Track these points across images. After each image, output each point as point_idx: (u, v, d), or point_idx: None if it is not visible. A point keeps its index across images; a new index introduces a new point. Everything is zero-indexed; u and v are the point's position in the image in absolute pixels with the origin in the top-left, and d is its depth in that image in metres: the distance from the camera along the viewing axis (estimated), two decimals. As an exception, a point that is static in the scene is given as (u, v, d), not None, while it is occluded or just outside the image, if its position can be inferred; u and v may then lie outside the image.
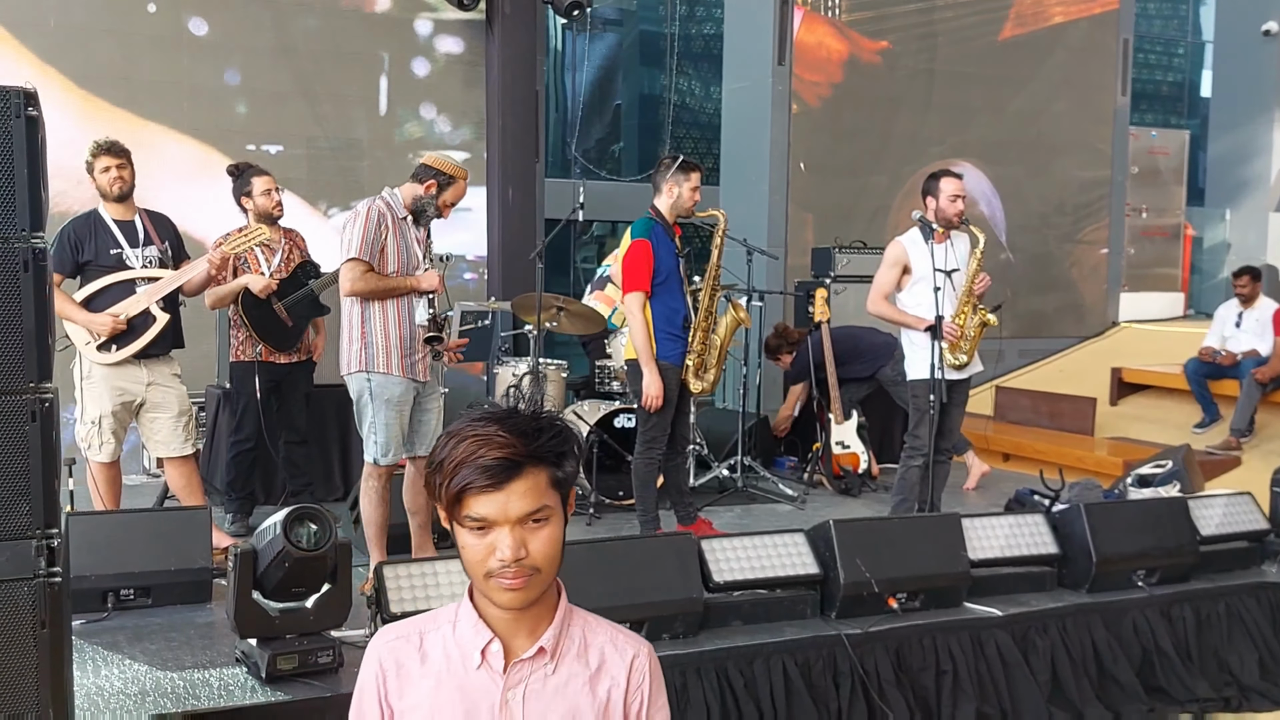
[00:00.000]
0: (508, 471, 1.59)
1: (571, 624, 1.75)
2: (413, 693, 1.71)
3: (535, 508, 1.61)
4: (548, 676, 1.71)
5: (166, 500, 5.67)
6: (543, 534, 1.62)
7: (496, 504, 1.59)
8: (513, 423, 1.62)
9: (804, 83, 9.83)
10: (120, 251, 4.85)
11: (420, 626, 1.76)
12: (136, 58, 7.73)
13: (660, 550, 4.06)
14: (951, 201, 5.38)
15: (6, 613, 2.38)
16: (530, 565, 1.61)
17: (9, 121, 2.30)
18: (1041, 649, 4.40)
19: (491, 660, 1.70)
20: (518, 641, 1.70)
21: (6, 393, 2.34)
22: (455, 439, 1.62)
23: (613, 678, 1.75)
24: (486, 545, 1.61)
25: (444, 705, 1.69)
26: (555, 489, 1.64)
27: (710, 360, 5.34)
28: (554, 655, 1.72)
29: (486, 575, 1.62)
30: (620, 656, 1.76)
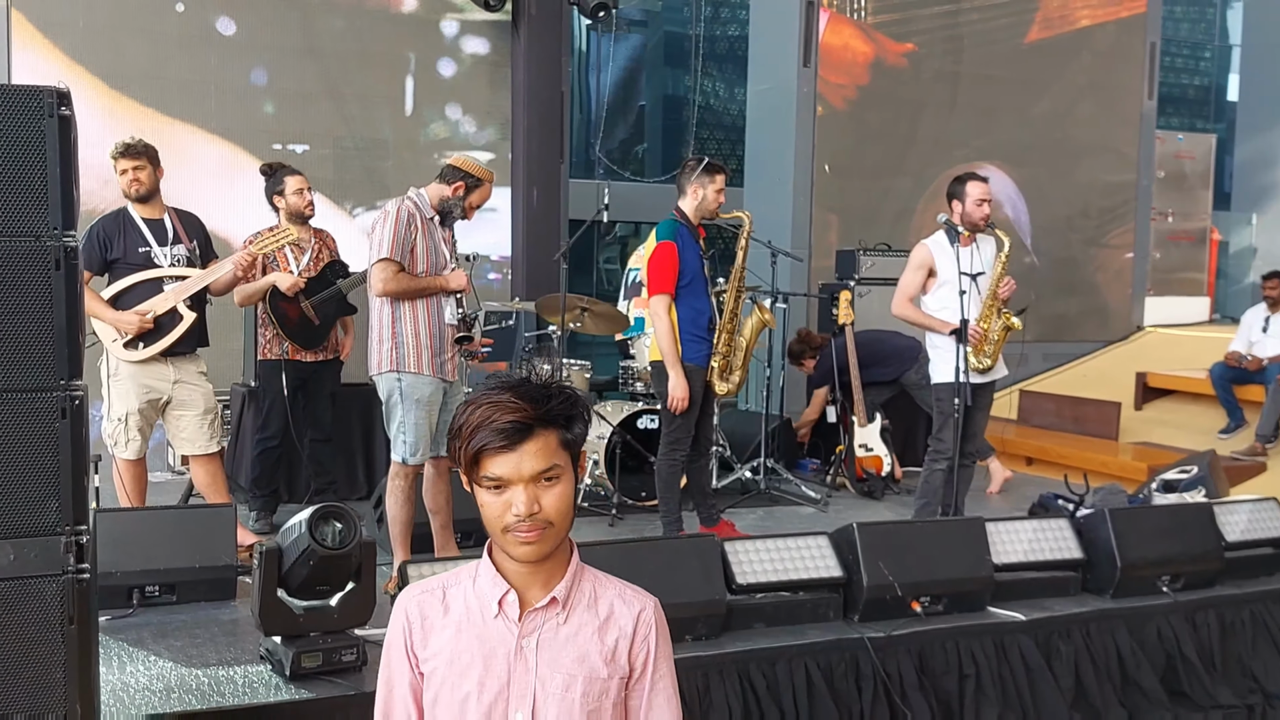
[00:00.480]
0: (520, 433, 1.72)
1: (583, 579, 1.87)
2: (435, 641, 1.83)
3: (547, 466, 1.74)
4: (559, 626, 1.83)
5: (191, 497, 5.70)
6: (554, 491, 1.75)
7: (511, 464, 1.72)
8: (524, 389, 1.76)
9: (829, 85, 9.81)
10: (148, 250, 4.89)
11: (443, 581, 1.89)
12: (165, 57, 7.78)
13: (683, 552, 4.06)
14: (977, 205, 5.36)
15: (35, 609, 2.40)
16: (543, 519, 1.74)
17: (42, 121, 2.32)
18: (1065, 654, 4.37)
19: (508, 610, 1.82)
20: (532, 593, 1.82)
21: (38, 390, 2.36)
22: (472, 406, 1.76)
23: (620, 629, 1.85)
24: (503, 502, 1.74)
25: (464, 652, 1.81)
26: (565, 449, 1.77)
27: (735, 362, 5.34)
28: (565, 606, 1.83)
29: (504, 530, 1.75)
30: (628, 609, 1.87)
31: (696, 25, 18.97)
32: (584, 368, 7.01)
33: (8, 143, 2.29)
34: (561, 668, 1.81)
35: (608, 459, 6.22)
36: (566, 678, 1.81)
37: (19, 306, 2.33)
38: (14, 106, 2.29)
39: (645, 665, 1.87)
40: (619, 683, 1.85)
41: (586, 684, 1.82)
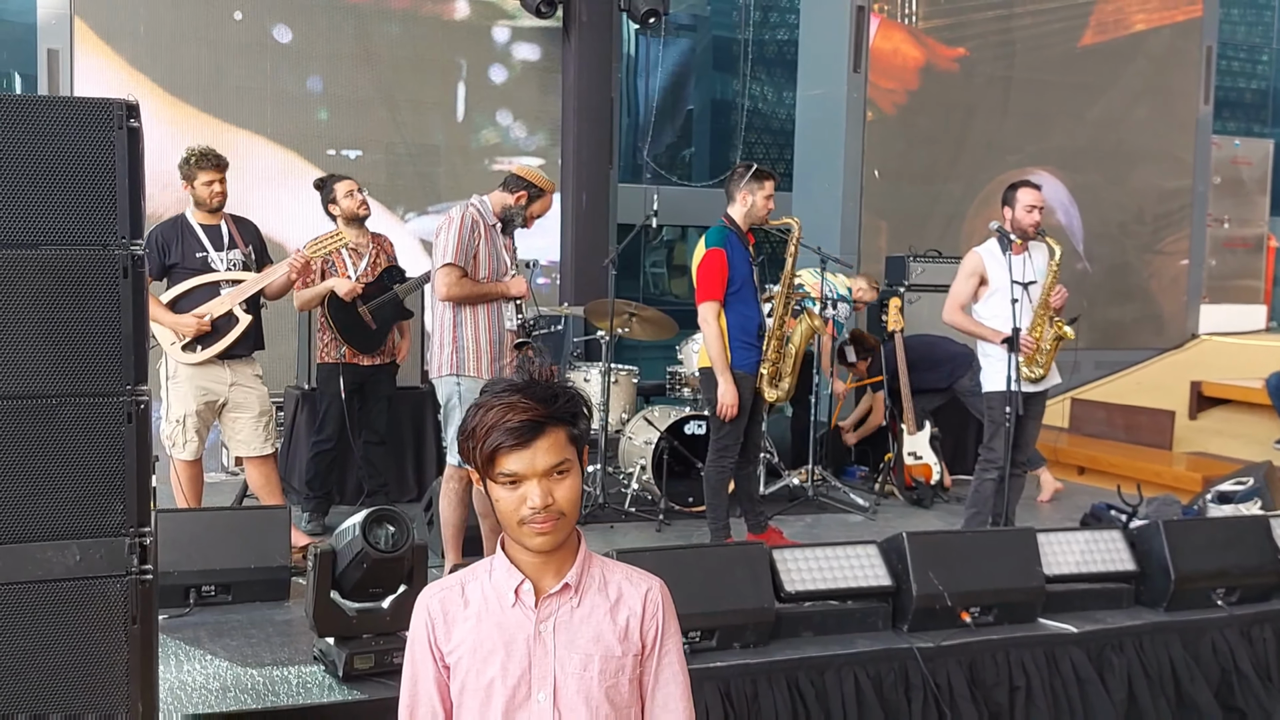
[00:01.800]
0: (533, 431, 1.82)
1: (591, 565, 1.98)
2: (458, 633, 1.94)
3: (558, 460, 1.84)
4: (574, 609, 1.93)
5: (245, 499, 5.79)
6: (565, 483, 1.85)
7: (525, 460, 1.83)
8: (533, 390, 1.86)
9: (879, 90, 9.77)
10: (205, 255, 4.97)
11: (461, 578, 1.99)
12: (223, 64, 7.91)
13: (732, 559, 4.07)
14: (1028, 212, 5.32)
15: (100, 609, 2.45)
16: (557, 510, 1.84)
17: (111, 132, 2.38)
18: (1118, 667, 4.33)
19: (524, 598, 1.92)
20: (546, 581, 1.93)
21: (105, 395, 2.42)
22: (484, 408, 1.86)
23: (630, 608, 1.97)
24: (518, 497, 1.84)
25: (485, 640, 1.92)
26: (573, 444, 1.87)
27: (785, 369, 5.34)
28: (578, 590, 1.94)
29: (519, 523, 1.85)
30: (635, 590, 1.99)
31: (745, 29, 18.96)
32: (631, 372, 7.04)
33: (78, 154, 2.35)
34: (578, 648, 1.92)
35: (655, 464, 6.23)
36: (584, 657, 1.92)
37: (88, 313, 2.39)
38: (85, 118, 2.35)
39: (655, 641, 1.99)
40: (634, 659, 1.96)
41: (603, 662, 1.93)
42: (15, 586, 2.37)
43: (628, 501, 6.35)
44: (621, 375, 6.81)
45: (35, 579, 2.38)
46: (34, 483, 2.37)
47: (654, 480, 6.24)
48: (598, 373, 6.69)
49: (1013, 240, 5.30)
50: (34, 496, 2.37)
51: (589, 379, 6.77)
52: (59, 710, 2.40)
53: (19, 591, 2.37)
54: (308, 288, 5.51)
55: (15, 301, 2.33)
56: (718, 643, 3.92)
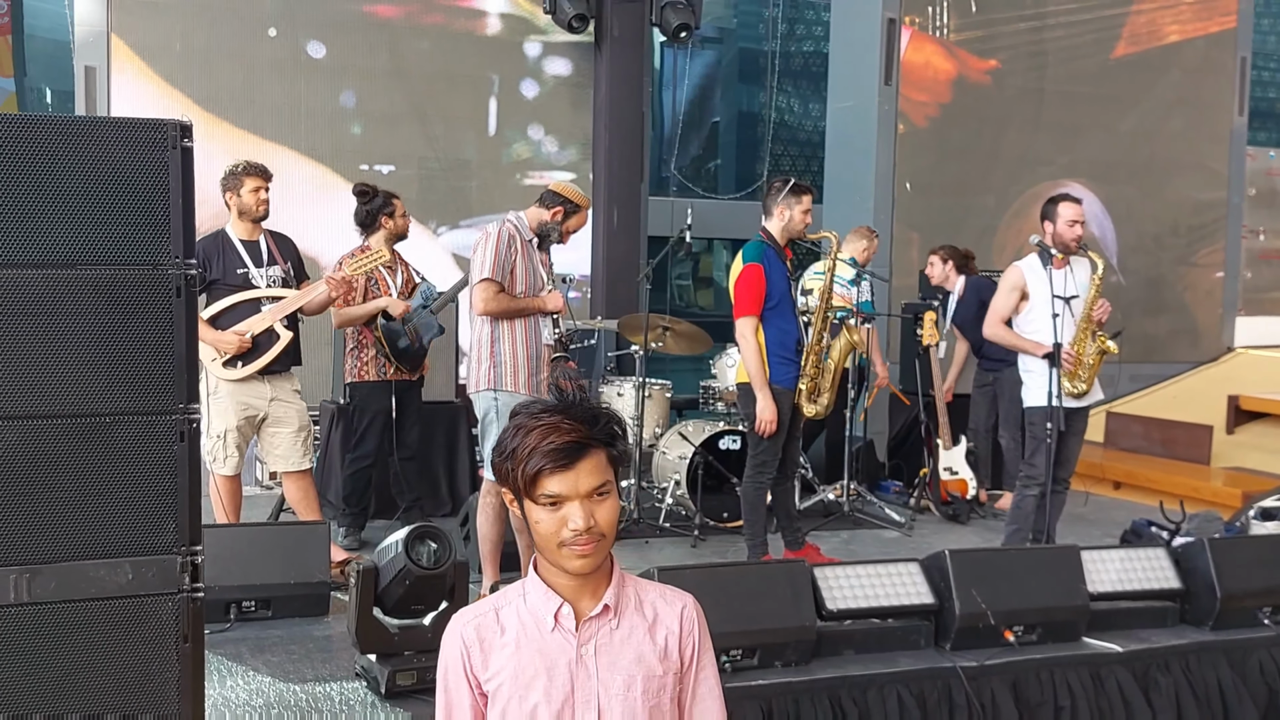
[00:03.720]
0: (576, 453, 1.81)
1: (625, 585, 1.97)
2: (496, 660, 1.90)
3: (600, 482, 1.83)
4: (613, 631, 1.93)
5: (282, 513, 5.80)
6: (606, 505, 1.84)
7: (568, 482, 1.81)
8: (574, 412, 1.85)
9: (911, 102, 9.74)
10: (246, 271, 5.00)
11: (494, 604, 1.96)
12: (257, 81, 7.96)
13: (774, 577, 4.04)
14: (1069, 226, 5.28)
15: (152, 627, 2.46)
16: (598, 532, 1.83)
17: (166, 153, 2.39)
18: (1164, 687, 4.27)
19: (564, 622, 1.91)
20: (583, 603, 1.92)
21: (158, 413, 2.43)
22: (524, 430, 1.85)
23: (667, 627, 1.96)
24: (559, 518, 1.82)
25: (526, 666, 1.89)
26: (611, 465, 1.86)
27: (824, 384, 5.31)
28: (616, 611, 1.93)
29: (560, 545, 1.83)
30: (671, 608, 1.98)
31: (772, 41, 18.96)
32: (664, 387, 7.02)
33: (133, 173, 2.37)
34: (621, 669, 1.91)
35: (689, 479, 6.21)
36: (627, 678, 1.91)
37: (142, 332, 2.40)
38: (139, 139, 2.37)
39: (693, 657, 1.98)
40: (674, 678, 1.95)
41: (645, 682, 1.92)
42: (69, 605, 2.38)
43: (662, 517, 6.33)
44: (655, 389, 6.80)
45: (89, 597, 2.39)
46: (88, 501, 2.38)
47: (688, 495, 6.22)
48: (631, 387, 6.68)
49: (1054, 255, 5.26)
50: (88, 514, 2.38)
51: (622, 393, 6.76)
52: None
53: (73, 610, 2.38)
54: (349, 306, 5.52)
55: (71, 321, 2.34)
56: (759, 661, 3.89)
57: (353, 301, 5.52)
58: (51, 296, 2.32)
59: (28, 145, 2.29)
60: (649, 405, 6.65)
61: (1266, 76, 21.55)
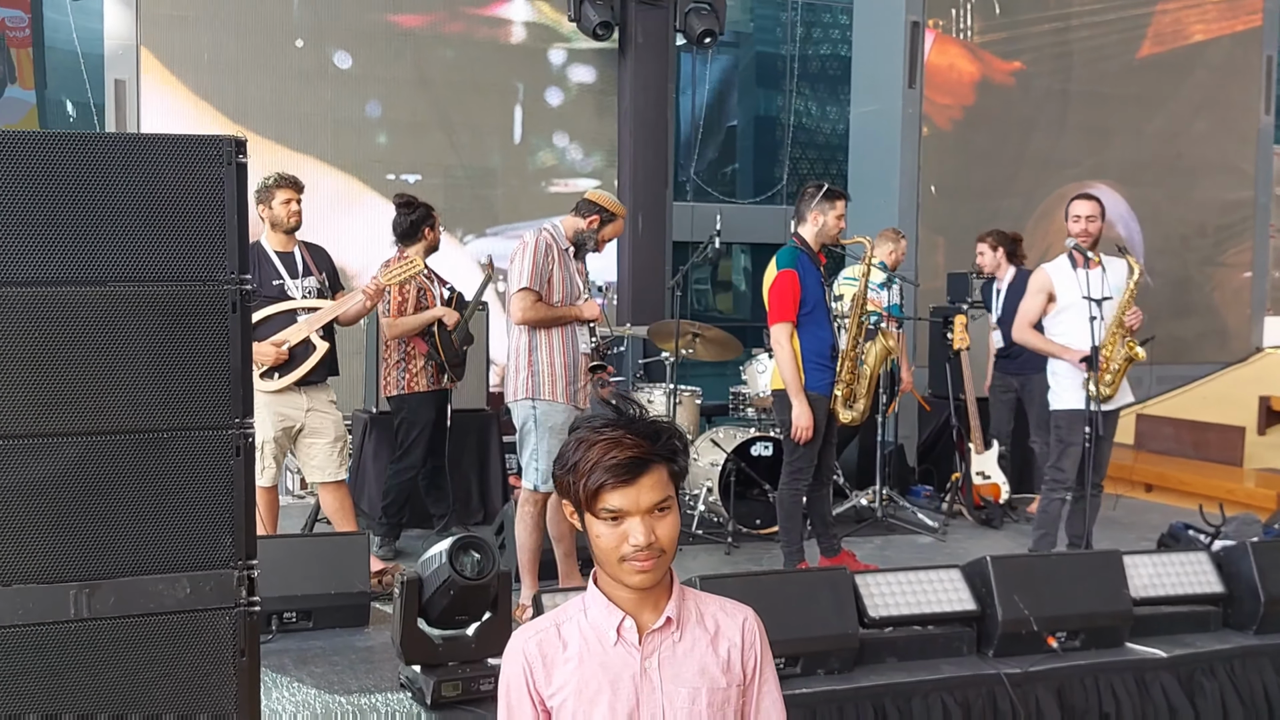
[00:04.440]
0: (638, 468, 1.81)
1: (685, 598, 1.96)
2: (559, 676, 1.90)
3: (661, 498, 1.83)
4: (676, 644, 1.92)
5: (316, 523, 5.82)
6: (667, 521, 1.84)
7: (629, 497, 1.81)
8: (636, 427, 1.85)
9: (934, 105, 9.71)
10: (282, 282, 5.01)
11: (554, 619, 1.96)
12: (285, 91, 8.01)
13: (815, 584, 4.03)
14: (1074, 221, 5.26)
15: (209, 641, 2.47)
16: (659, 548, 1.83)
17: (220, 169, 2.40)
18: (1209, 692, 4.24)
19: (626, 636, 1.90)
20: (644, 617, 1.91)
21: (214, 428, 2.43)
22: (586, 444, 1.85)
23: (729, 639, 1.95)
24: (620, 533, 1.82)
25: (590, 681, 1.88)
26: (673, 481, 1.87)
27: (859, 390, 5.29)
28: (679, 624, 1.93)
29: (620, 560, 1.83)
30: (732, 620, 1.98)
31: (790, 45, 18.94)
32: (694, 393, 7.01)
33: (189, 190, 2.38)
34: (685, 682, 1.90)
35: (722, 486, 6.20)
36: (691, 691, 1.90)
37: (197, 348, 2.41)
38: (195, 155, 2.38)
39: (755, 669, 1.98)
40: (737, 690, 1.94)
41: (710, 694, 1.91)
42: (128, 620, 2.38)
43: (694, 524, 6.32)
44: (685, 396, 6.79)
45: (147, 612, 2.40)
46: (147, 516, 2.39)
47: (721, 502, 6.21)
48: (661, 394, 6.68)
49: (1088, 256, 5.22)
50: (146, 530, 2.39)
51: (652, 400, 6.75)
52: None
53: (132, 625, 2.39)
54: (405, 317, 5.54)
55: (128, 338, 2.35)
56: (802, 669, 3.88)
57: (405, 312, 5.55)
58: (109, 314, 2.34)
59: (85, 164, 2.30)
60: (679, 412, 6.65)
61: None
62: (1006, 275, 7.07)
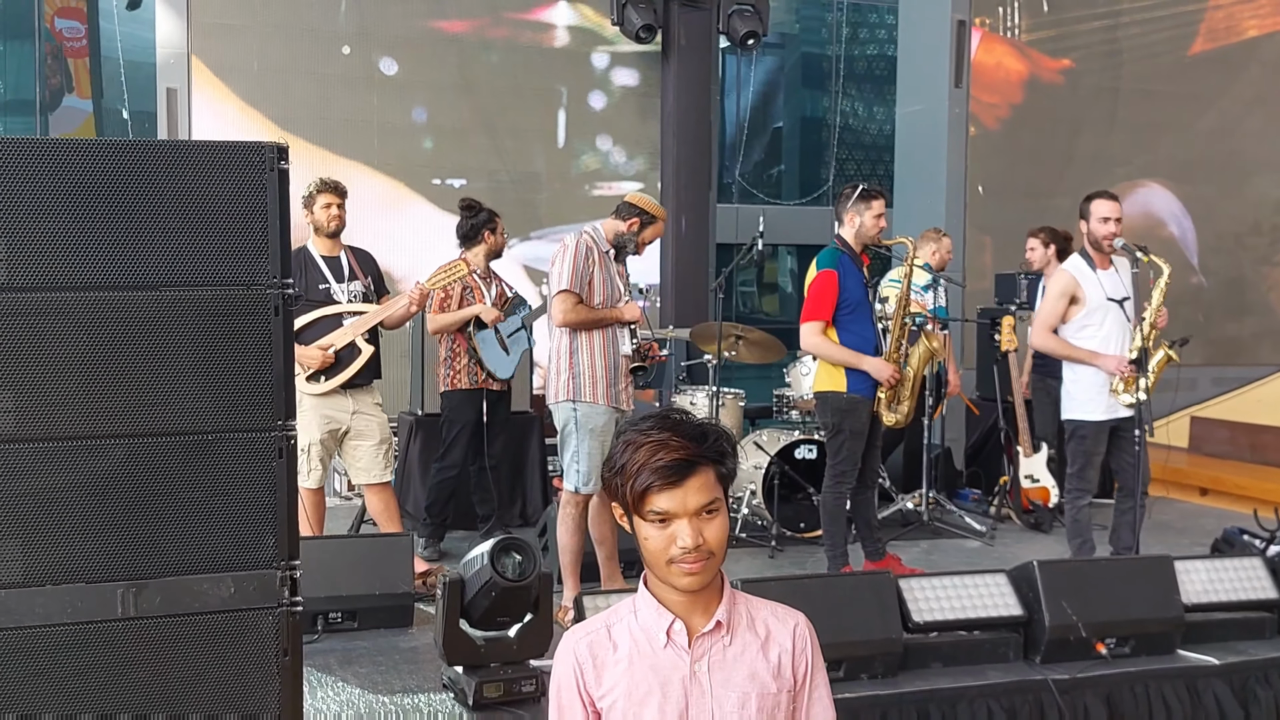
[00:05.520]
0: (685, 470, 1.80)
1: (736, 602, 1.94)
2: (609, 678, 1.89)
3: (709, 500, 1.81)
4: (726, 648, 1.90)
5: (363, 524, 5.86)
6: (715, 523, 1.82)
7: (676, 499, 1.80)
8: (684, 429, 1.84)
9: (982, 104, 9.62)
10: (328, 287, 5.06)
11: (605, 620, 1.95)
12: (331, 97, 8.09)
13: (859, 589, 4.01)
14: (1102, 223, 5.15)
15: (253, 641, 2.49)
16: (706, 550, 1.81)
17: (264, 174, 2.43)
18: (1264, 701, 4.16)
19: (676, 638, 1.89)
20: (695, 620, 1.89)
21: (258, 430, 2.46)
22: (633, 446, 1.84)
23: (780, 645, 1.93)
24: (668, 536, 1.81)
25: (640, 683, 1.88)
26: (720, 483, 1.84)
27: (903, 392, 5.24)
28: (729, 628, 1.90)
29: (668, 562, 1.82)
30: (783, 626, 1.95)
31: (835, 45, 18.86)
32: (737, 396, 6.99)
33: (233, 195, 2.41)
34: (735, 686, 1.89)
35: (766, 489, 6.18)
36: (741, 695, 1.89)
37: (241, 351, 2.44)
38: (239, 161, 2.41)
39: (806, 676, 1.95)
40: (788, 696, 1.92)
41: (760, 699, 1.89)
42: (173, 619, 2.42)
43: (738, 527, 6.30)
44: (728, 399, 6.76)
45: (192, 611, 2.43)
46: (191, 517, 2.42)
47: (764, 505, 6.18)
48: (704, 396, 6.66)
49: (1117, 253, 5.13)
50: (191, 530, 2.42)
51: (694, 402, 6.74)
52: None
53: (177, 624, 2.42)
54: (445, 313, 5.59)
55: (173, 341, 2.39)
56: (845, 674, 3.85)
57: (448, 309, 5.60)
58: (154, 317, 2.37)
59: (130, 170, 2.34)
60: (722, 414, 6.62)
61: (1346, 70, 21.00)
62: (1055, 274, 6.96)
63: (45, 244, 2.29)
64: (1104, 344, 5.14)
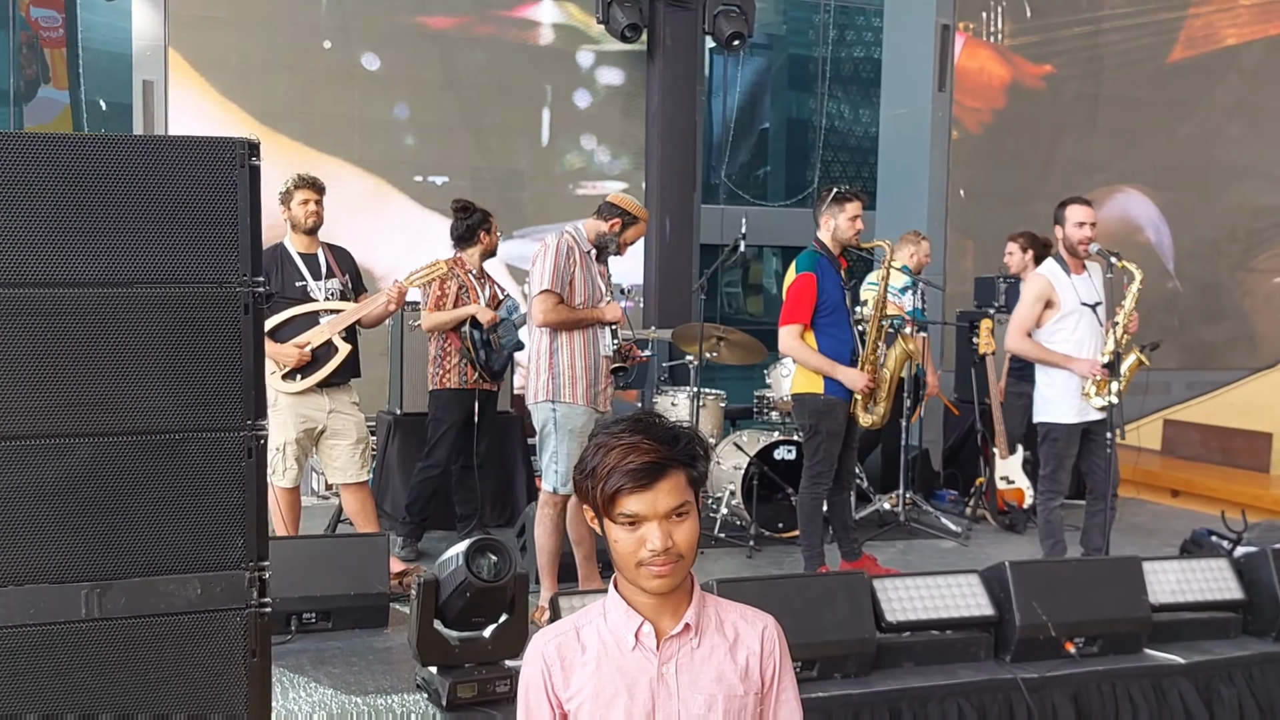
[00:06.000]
0: (655, 473, 1.81)
1: (705, 604, 1.95)
2: (577, 679, 1.90)
3: (679, 503, 1.82)
4: (694, 650, 1.91)
5: (339, 524, 5.85)
6: (685, 526, 1.83)
7: (646, 502, 1.80)
8: (655, 431, 1.84)
9: (964, 109, 9.66)
10: (305, 284, 5.05)
11: (574, 622, 1.96)
12: (313, 93, 8.06)
13: (833, 589, 4.03)
14: (1078, 228, 5.20)
15: (220, 642, 2.49)
16: (676, 553, 1.82)
17: (234, 171, 2.42)
18: (1228, 699, 4.21)
19: (644, 640, 1.90)
20: (663, 622, 1.90)
21: (226, 430, 2.45)
22: (604, 448, 1.84)
23: (748, 647, 1.94)
24: (637, 538, 1.82)
25: (607, 685, 1.89)
26: (691, 486, 1.85)
27: (879, 394, 5.27)
28: (697, 631, 1.92)
29: (638, 565, 1.83)
30: (752, 628, 1.96)
31: (822, 47, 18.89)
32: (718, 396, 7.01)
33: (202, 192, 2.40)
34: (702, 689, 1.90)
35: (745, 490, 6.20)
36: (708, 698, 1.89)
37: (210, 350, 2.43)
38: (210, 157, 2.40)
39: (774, 678, 1.97)
40: (755, 698, 1.93)
41: (726, 702, 1.90)
42: (139, 620, 2.41)
43: (717, 527, 6.32)
44: (709, 399, 6.78)
45: (159, 612, 2.42)
46: (158, 517, 2.41)
47: (743, 505, 6.20)
48: (685, 397, 6.68)
49: (1111, 261, 5.17)
50: (158, 531, 2.41)
51: (676, 403, 6.76)
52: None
53: (143, 625, 2.41)
54: (440, 311, 5.58)
55: (141, 338, 2.38)
56: (819, 673, 3.88)
57: (443, 307, 5.59)
58: (122, 314, 2.36)
59: (98, 166, 2.33)
60: (703, 415, 6.64)
61: (1327, 77, 21.14)
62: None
63: (11, 239, 2.28)
64: (1077, 348, 5.18)
